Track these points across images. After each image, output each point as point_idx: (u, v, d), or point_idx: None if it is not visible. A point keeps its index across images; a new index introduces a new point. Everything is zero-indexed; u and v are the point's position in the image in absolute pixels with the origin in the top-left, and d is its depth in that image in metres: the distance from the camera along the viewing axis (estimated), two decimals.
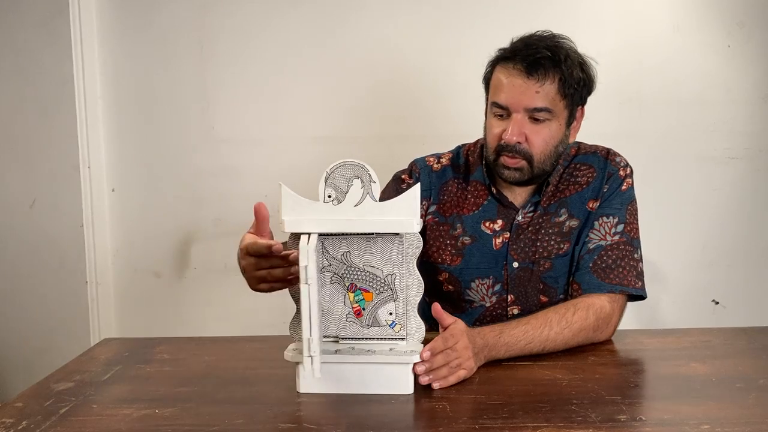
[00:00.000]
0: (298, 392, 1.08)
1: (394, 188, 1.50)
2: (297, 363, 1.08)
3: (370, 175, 1.07)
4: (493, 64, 1.42)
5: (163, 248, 2.23)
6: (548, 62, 1.34)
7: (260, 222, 1.16)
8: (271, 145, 2.17)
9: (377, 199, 1.07)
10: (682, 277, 2.14)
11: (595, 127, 2.07)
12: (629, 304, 1.39)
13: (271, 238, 1.15)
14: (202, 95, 2.18)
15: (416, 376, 1.08)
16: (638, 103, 2.10)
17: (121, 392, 1.12)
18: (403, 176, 1.53)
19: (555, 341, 1.24)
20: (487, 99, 1.45)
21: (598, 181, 1.43)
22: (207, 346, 1.36)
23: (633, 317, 2.16)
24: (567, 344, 1.25)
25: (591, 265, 1.36)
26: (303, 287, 0.97)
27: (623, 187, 1.43)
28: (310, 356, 0.99)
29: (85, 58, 2.13)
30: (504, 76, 1.37)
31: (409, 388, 1.06)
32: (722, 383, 1.08)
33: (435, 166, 1.53)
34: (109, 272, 2.24)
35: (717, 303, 2.15)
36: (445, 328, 1.13)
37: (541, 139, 1.36)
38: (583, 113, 1.46)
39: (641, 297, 1.37)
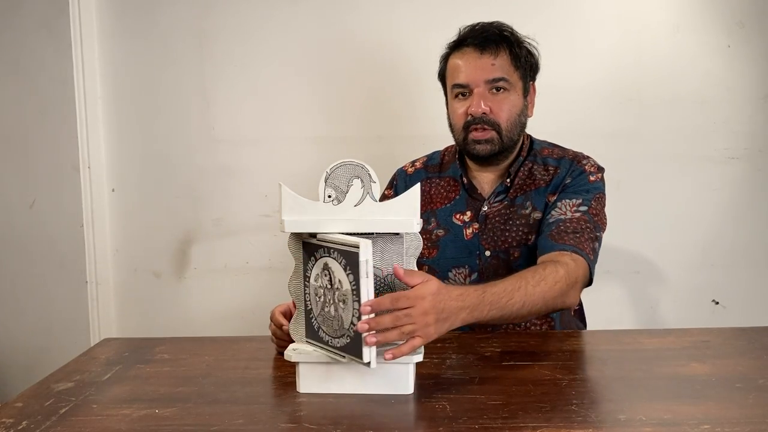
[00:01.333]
0: (298, 392, 1.08)
1: None
2: (297, 363, 1.08)
3: (370, 175, 1.07)
4: (445, 57, 1.55)
5: (163, 248, 2.23)
6: (497, 38, 1.47)
7: None
8: (271, 145, 2.17)
9: (377, 199, 1.07)
10: (682, 277, 2.14)
11: (595, 126, 2.08)
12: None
13: None
14: (202, 95, 2.18)
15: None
16: (638, 102, 2.10)
17: (121, 392, 1.12)
18: (386, 191, 1.63)
19: (533, 295, 1.21)
20: (445, 91, 1.56)
21: (560, 178, 1.49)
22: (207, 346, 1.36)
23: (633, 317, 2.17)
24: (545, 299, 1.24)
25: (548, 233, 1.41)
26: (363, 281, 0.97)
27: (590, 179, 1.48)
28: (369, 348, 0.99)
29: (85, 58, 2.13)
30: (459, 59, 1.49)
31: (409, 388, 1.06)
32: (722, 383, 1.08)
33: (409, 170, 1.64)
34: (109, 272, 2.24)
35: (717, 303, 2.15)
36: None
37: (505, 108, 1.47)
38: (534, 90, 1.55)
39: (590, 281, 1.39)
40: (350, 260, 0.99)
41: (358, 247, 0.97)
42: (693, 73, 2.08)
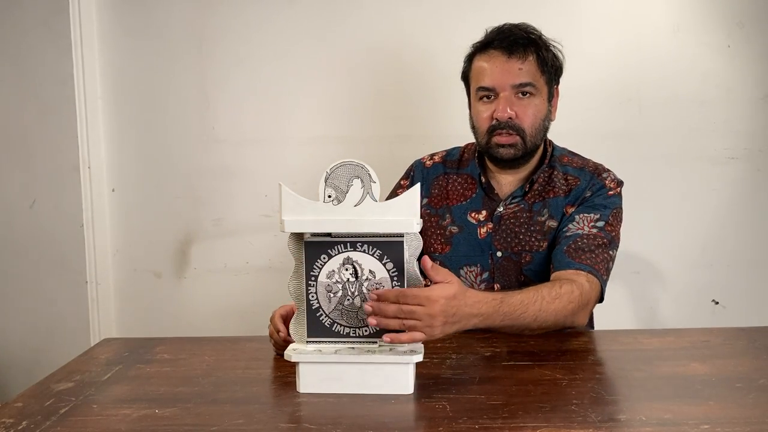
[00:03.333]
0: (298, 392, 1.08)
1: (393, 194, 1.59)
2: (297, 363, 1.08)
3: (370, 175, 1.07)
4: (470, 57, 1.52)
5: (163, 248, 2.23)
6: (525, 41, 1.45)
7: None
8: (271, 145, 2.17)
9: (377, 199, 1.07)
10: (682, 277, 2.14)
11: (595, 127, 2.08)
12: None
13: None
14: (202, 95, 2.18)
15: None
16: (638, 103, 2.10)
17: (121, 392, 1.12)
18: (402, 181, 1.63)
19: (546, 311, 1.26)
20: (468, 92, 1.54)
21: (580, 190, 1.48)
22: (207, 346, 1.36)
23: (633, 317, 2.17)
24: (557, 316, 1.28)
25: (565, 248, 1.41)
26: (407, 265, 1.09)
27: (609, 193, 1.48)
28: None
29: (85, 58, 2.13)
30: (485, 61, 1.47)
31: (409, 388, 1.06)
32: (722, 383, 1.08)
33: (428, 162, 1.63)
34: (109, 272, 2.24)
35: (717, 303, 2.15)
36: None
37: (530, 113, 1.45)
38: (558, 93, 1.55)
39: (601, 298, 1.40)
40: (389, 249, 1.07)
41: (402, 236, 1.07)
42: (693, 74, 2.08)
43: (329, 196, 1.07)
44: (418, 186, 1.08)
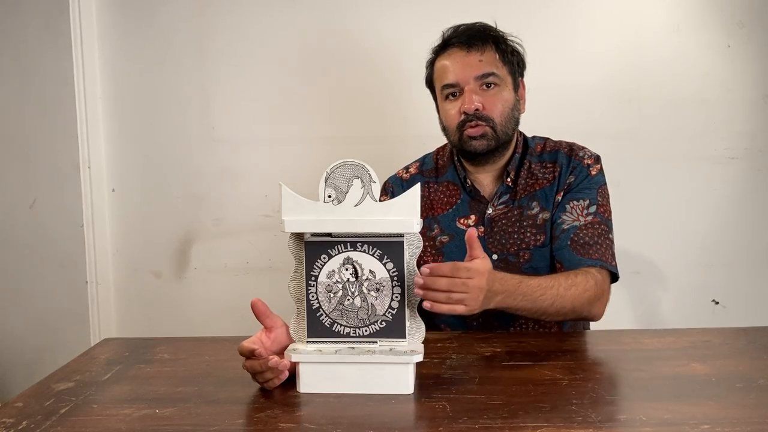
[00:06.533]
0: (298, 392, 1.08)
1: None
2: (297, 363, 1.08)
3: (370, 175, 1.07)
4: (432, 61, 1.54)
5: (163, 248, 2.23)
6: (482, 34, 1.47)
7: (260, 318, 1.14)
8: (271, 145, 2.17)
9: (377, 199, 1.07)
10: (682, 277, 2.14)
11: (595, 127, 2.08)
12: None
13: (284, 324, 1.15)
14: (202, 95, 2.18)
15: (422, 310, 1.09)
16: (638, 103, 2.10)
17: (121, 392, 1.12)
18: (381, 198, 1.56)
19: (564, 297, 1.29)
20: (435, 96, 1.56)
21: (563, 177, 1.49)
22: (207, 346, 1.36)
23: (633, 317, 2.17)
24: (573, 303, 1.30)
25: (569, 243, 1.42)
26: (408, 263, 1.09)
27: (592, 173, 1.49)
28: None
29: (85, 58, 2.13)
30: (445, 60, 1.49)
31: (409, 388, 1.06)
32: (722, 383, 1.08)
33: (404, 176, 1.61)
34: (109, 272, 2.24)
35: (717, 303, 2.15)
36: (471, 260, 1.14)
37: (497, 103, 1.45)
38: (524, 86, 1.54)
39: (615, 278, 1.43)
40: (389, 249, 1.08)
41: (402, 236, 1.07)
42: (693, 74, 2.08)
43: (329, 196, 1.07)
44: (418, 186, 1.08)
